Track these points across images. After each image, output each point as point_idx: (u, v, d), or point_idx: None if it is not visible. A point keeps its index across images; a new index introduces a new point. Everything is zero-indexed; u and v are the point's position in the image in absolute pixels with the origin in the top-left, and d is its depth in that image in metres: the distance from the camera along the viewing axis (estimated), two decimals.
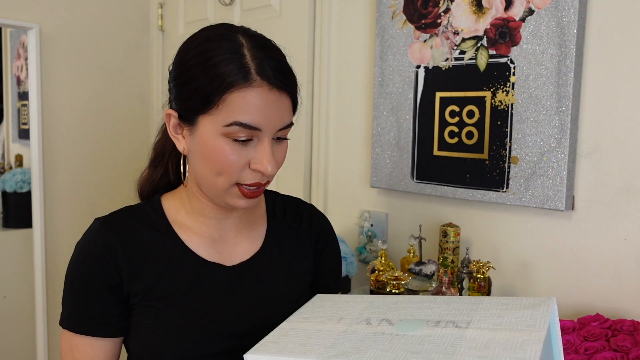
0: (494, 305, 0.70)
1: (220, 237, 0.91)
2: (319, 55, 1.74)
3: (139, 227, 0.88)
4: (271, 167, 0.79)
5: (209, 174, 0.81)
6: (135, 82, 2.37)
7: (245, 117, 0.77)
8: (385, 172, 1.53)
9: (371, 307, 0.77)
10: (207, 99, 0.78)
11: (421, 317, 0.70)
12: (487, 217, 1.38)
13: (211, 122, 0.78)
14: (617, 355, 0.94)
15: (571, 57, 1.18)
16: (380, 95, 1.53)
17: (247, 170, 0.80)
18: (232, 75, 0.76)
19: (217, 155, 0.79)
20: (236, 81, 0.76)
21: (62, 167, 2.15)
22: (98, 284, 0.85)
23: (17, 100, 2.22)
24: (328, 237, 1.03)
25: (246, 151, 0.79)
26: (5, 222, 2.22)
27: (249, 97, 0.76)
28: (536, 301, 0.69)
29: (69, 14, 2.13)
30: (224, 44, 0.78)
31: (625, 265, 1.17)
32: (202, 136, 0.80)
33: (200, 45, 0.80)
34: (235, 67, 0.76)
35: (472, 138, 1.35)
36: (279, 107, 0.79)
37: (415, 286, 1.30)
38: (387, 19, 1.50)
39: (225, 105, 0.77)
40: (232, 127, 0.77)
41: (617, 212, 1.18)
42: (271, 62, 0.78)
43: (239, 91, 0.76)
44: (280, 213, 0.99)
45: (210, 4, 2.12)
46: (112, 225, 0.88)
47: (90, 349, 0.86)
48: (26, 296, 2.15)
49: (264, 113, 0.77)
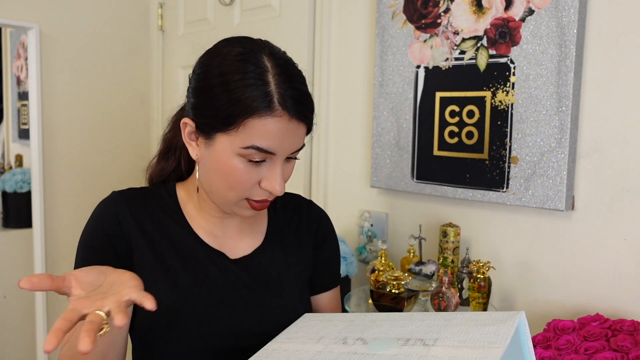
0: (464, 322, 0.72)
1: (224, 234, 0.94)
2: (319, 55, 1.74)
3: (152, 206, 0.92)
4: (280, 188, 0.83)
5: (219, 187, 0.85)
6: (135, 82, 2.37)
7: (263, 142, 0.79)
8: (385, 172, 1.53)
9: (351, 325, 0.81)
10: (227, 120, 0.79)
11: (394, 335, 0.73)
12: (487, 217, 1.38)
13: (229, 141, 0.80)
14: (617, 355, 0.94)
15: (571, 57, 1.18)
16: (380, 95, 1.53)
17: (257, 187, 0.84)
18: (256, 102, 0.78)
19: (231, 172, 0.82)
20: (259, 108, 0.78)
21: (62, 167, 2.15)
22: (108, 252, 0.88)
23: (17, 100, 2.22)
24: (327, 231, 1.05)
25: (258, 171, 0.82)
26: (5, 222, 2.22)
27: (269, 125, 0.79)
28: (504, 316, 0.70)
29: (69, 14, 2.13)
30: (248, 67, 0.79)
31: (625, 266, 1.17)
32: (218, 152, 0.82)
33: (223, 62, 0.81)
34: (259, 94, 0.78)
35: (472, 138, 1.35)
36: (295, 135, 0.82)
37: (415, 286, 1.30)
38: (387, 19, 1.50)
39: (245, 129, 0.79)
40: (249, 150, 0.80)
41: (617, 212, 1.18)
42: (294, 93, 0.80)
43: (260, 117, 0.78)
44: (280, 209, 1.02)
45: (210, 4, 2.12)
46: (127, 197, 0.92)
47: None
48: (26, 296, 2.15)
49: (281, 140, 0.80)
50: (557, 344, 1.00)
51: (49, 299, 2.13)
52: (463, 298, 1.30)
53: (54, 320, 2.16)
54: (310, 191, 1.81)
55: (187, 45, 2.26)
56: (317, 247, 1.03)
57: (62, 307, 2.18)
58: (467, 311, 0.77)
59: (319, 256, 1.03)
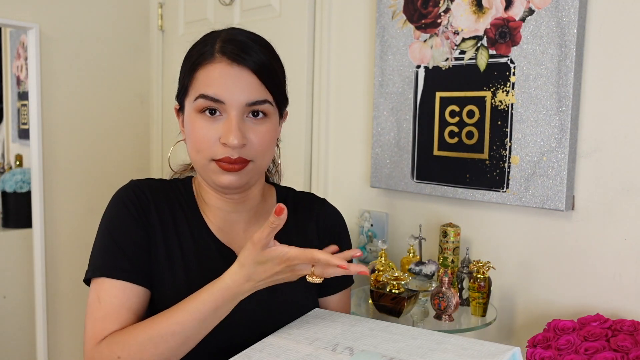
0: (454, 349, 0.71)
1: (231, 229, 0.95)
2: (319, 55, 1.74)
3: (170, 197, 0.95)
4: (237, 140, 0.84)
5: (191, 152, 0.90)
6: (135, 82, 2.37)
7: (208, 89, 0.85)
8: (385, 172, 1.53)
9: (349, 331, 0.82)
10: (184, 82, 0.89)
11: (381, 350, 0.74)
12: (487, 217, 1.38)
13: (188, 102, 0.89)
14: (617, 355, 0.94)
15: (571, 57, 1.18)
16: (380, 95, 1.53)
17: (218, 145, 0.86)
18: (200, 57, 0.87)
19: (192, 131, 0.87)
20: (201, 61, 0.86)
21: (62, 167, 2.15)
22: (133, 227, 0.89)
23: (17, 100, 2.22)
24: (341, 232, 1.07)
25: (216, 126, 0.86)
26: (5, 222, 2.22)
27: (210, 72, 0.85)
28: (497, 350, 0.69)
29: (69, 14, 2.13)
30: (207, 35, 0.91)
31: (625, 265, 1.17)
32: (186, 118, 0.90)
33: (194, 44, 0.93)
34: (206, 49, 0.87)
35: (472, 138, 1.35)
36: (240, 81, 0.85)
37: (415, 286, 1.30)
38: (387, 19, 1.50)
39: (194, 83, 0.87)
40: (199, 100, 0.86)
41: (617, 212, 1.18)
42: (236, 42, 0.87)
43: (203, 68, 0.86)
44: (290, 208, 1.01)
45: (210, 4, 2.12)
46: (146, 185, 0.94)
47: (122, 292, 0.84)
48: (26, 296, 2.15)
49: (226, 86, 0.85)
50: (557, 344, 1.00)
51: (49, 299, 2.13)
52: (463, 298, 1.30)
53: (54, 320, 2.16)
54: (310, 191, 1.81)
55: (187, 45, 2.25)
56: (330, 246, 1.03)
57: (62, 307, 2.18)
58: (464, 336, 0.76)
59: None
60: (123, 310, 0.83)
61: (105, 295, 0.84)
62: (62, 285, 2.17)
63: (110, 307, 0.83)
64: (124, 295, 0.84)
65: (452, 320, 1.22)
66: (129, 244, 0.87)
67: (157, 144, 2.41)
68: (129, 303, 0.84)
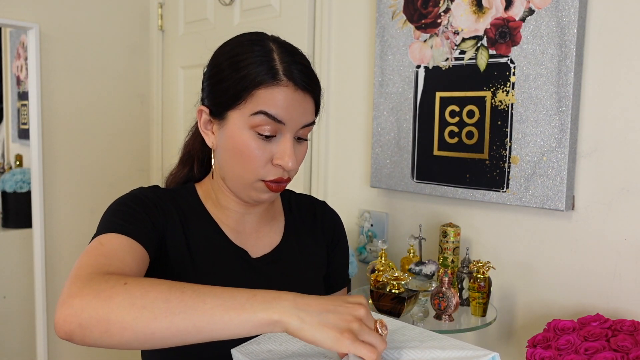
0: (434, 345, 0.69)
1: (243, 230, 0.95)
2: (319, 55, 1.74)
3: (179, 202, 0.93)
4: (292, 163, 0.84)
5: (235, 169, 0.87)
6: (135, 82, 2.37)
7: (271, 109, 0.82)
8: (385, 172, 1.53)
9: None
10: (237, 95, 0.83)
11: None
12: (487, 217, 1.38)
13: (240, 115, 0.84)
14: (617, 355, 0.94)
15: (571, 57, 1.18)
16: (380, 95, 1.53)
17: (270, 166, 0.85)
18: (262, 75, 0.82)
19: (243, 148, 0.84)
20: (265, 80, 0.82)
21: (62, 167, 2.15)
22: (145, 210, 0.84)
23: (17, 100, 2.22)
24: (340, 233, 1.08)
25: (270, 147, 0.84)
26: (5, 222, 2.22)
27: (276, 94, 0.82)
28: (474, 354, 0.67)
29: (69, 14, 2.13)
30: (255, 48, 0.85)
31: (625, 265, 1.17)
32: (231, 129, 0.85)
33: (233, 49, 0.87)
34: (264, 68, 0.83)
35: (472, 138, 1.35)
36: (302, 106, 0.85)
37: (415, 286, 1.30)
38: (387, 19, 1.50)
39: (253, 100, 0.83)
40: (258, 116, 0.82)
41: (617, 212, 1.18)
42: (298, 66, 0.85)
43: (266, 88, 0.82)
44: (295, 209, 1.04)
45: (210, 4, 2.12)
46: (157, 191, 0.91)
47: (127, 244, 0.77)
48: (26, 296, 2.15)
49: (288, 110, 0.83)
50: (557, 344, 1.00)
51: (49, 299, 2.13)
52: (463, 298, 1.30)
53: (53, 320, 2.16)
54: (310, 191, 1.81)
55: (187, 45, 2.26)
56: (331, 248, 1.05)
57: None
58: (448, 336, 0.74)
59: (333, 257, 1.05)
60: (129, 257, 0.75)
61: (108, 242, 0.76)
62: (62, 285, 2.17)
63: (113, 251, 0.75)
64: (130, 246, 0.77)
65: (452, 320, 1.22)
66: (140, 213, 0.83)
67: (157, 144, 2.41)
68: (134, 254, 0.77)
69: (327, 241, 1.04)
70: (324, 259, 1.03)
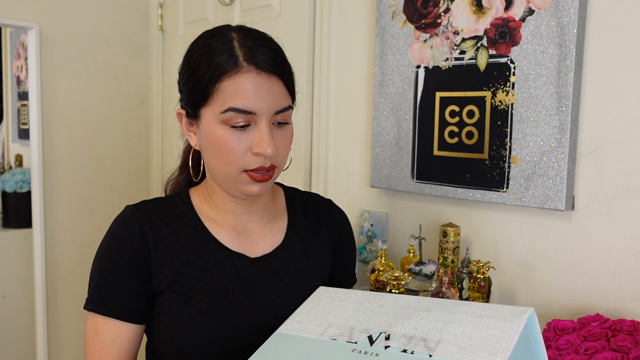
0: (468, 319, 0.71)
1: (243, 231, 0.94)
2: (319, 55, 1.74)
3: (168, 217, 0.91)
4: (271, 150, 0.83)
5: (218, 166, 0.86)
6: (135, 82, 2.37)
7: (238, 102, 0.81)
8: (385, 172, 1.53)
9: (359, 310, 0.81)
10: (203, 91, 0.83)
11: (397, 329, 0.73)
12: (487, 217, 1.38)
13: (210, 112, 0.84)
14: (617, 355, 0.94)
15: (571, 57, 1.18)
16: (380, 95, 1.53)
17: (250, 155, 0.84)
18: (222, 64, 0.82)
19: (220, 143, 0.83)
20: (226, 69, 0.81)
21: (62, 167, 2.15)
22: (127, 270, 0.87)
23: (17, 100, 2.22)
24: (347, 233, 1.06)
25: (246, 137, 0.83)
26: (5, 222, 2.22)
27: (239, 83, 0.81)
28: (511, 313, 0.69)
29: (69, 14, 2.13)
30: (215, 40, 0.84)
31: (625, 266, 1.17)
32: (206, 127, 0.85)
33: (195, 45, 0.87)
34: (225, 57, 0.82)
35: (472, 138, 1.35)
36: (270, 90, 0.83)
37: (415, 286, 1.30)
38: (387, 19, 1.50)
39: (219, 94, 0.82)
40: (227, 113, 0.82)
41: (617, 212, 1.18)
42: (259, 49, 0.83)
43: (229, 78, 0.81)
44: (300, 208, 1.02)
45: (210, 4, 2.12)
46: (144, 213, 0.90)
47: (115, 330, 0.88)
48: (26, 296, 2.15)
49: (256, 97, 0.82)
50: (557, 344, 1.00)
51: (49, 299, 2.14)
52: (463, 298, 1.30)
53: (54, 320, 2.16)
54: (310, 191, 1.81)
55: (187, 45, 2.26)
56: (338, 248, 1.03)
57: (62, 307, 2.18)
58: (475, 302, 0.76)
59: (339, 257, 1.03)
60: (116, 347, 0.88)
61: (100, 330, 0.88)
62: (62, 285, 2.18)
63: (104, 343, 0.88)
64: (117, 332, 0.88)
65: None
66: (121, 284, 0.87)
67: (157, 144, 2.41)
68: (120, 340, 0.88)
69: (333, 241, 1.02)
70: (330, 259, 1.01)
